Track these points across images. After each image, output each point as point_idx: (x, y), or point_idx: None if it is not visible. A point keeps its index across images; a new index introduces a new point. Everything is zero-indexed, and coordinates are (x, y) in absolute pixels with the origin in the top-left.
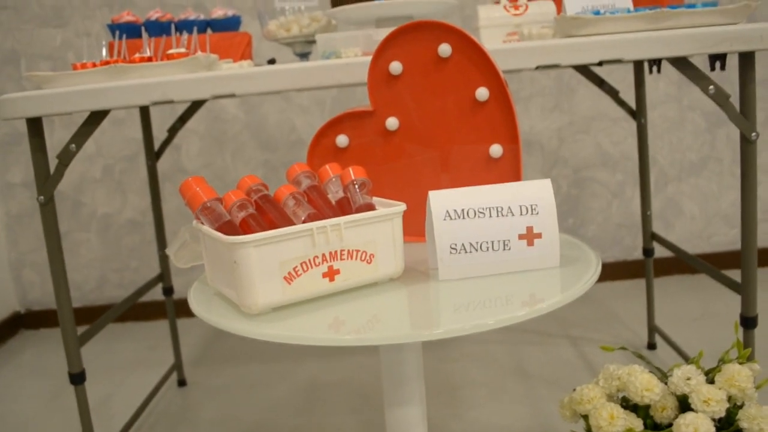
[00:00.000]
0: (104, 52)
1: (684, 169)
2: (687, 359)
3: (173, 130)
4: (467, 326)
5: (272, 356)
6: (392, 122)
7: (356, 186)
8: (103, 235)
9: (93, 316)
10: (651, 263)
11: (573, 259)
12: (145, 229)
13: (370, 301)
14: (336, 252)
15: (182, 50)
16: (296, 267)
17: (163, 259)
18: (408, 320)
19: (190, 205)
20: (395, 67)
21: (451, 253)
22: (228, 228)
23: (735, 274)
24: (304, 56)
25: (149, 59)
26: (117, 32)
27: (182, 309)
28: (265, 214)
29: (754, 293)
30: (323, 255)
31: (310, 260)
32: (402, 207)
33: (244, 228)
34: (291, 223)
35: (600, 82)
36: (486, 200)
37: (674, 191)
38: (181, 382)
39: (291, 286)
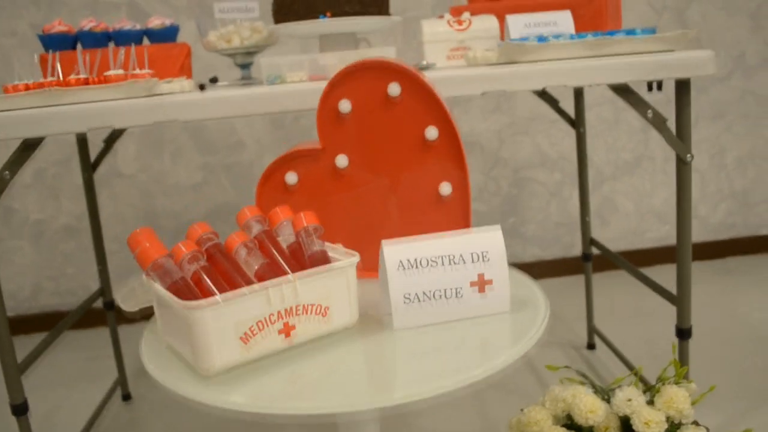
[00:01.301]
0: (35, 59)
1: (619, 167)
2: (625, 362)
3: (110, 140)
4: (425, 390)
5: None
6: (342, 160)
7: (308, 232)
8: (36, 242)
9: (28, 326)
10: (590, 267)
11: (522, 301)
12: (81, 235)
13: (325, 359)
14: (291, 308)
15: (120, 71)
16: (252, 327)
17: (103, 273)
18: (365, 386)
19: (139, 261)
20: (344, 106)
21: (404, 302)
22: (180, 286)
23: (667, 269)
24: (245, 67)
25: (86, 81)
26: (49, 44)
27: (123, 316)
28: (217, 264)
29: (688, 306)
30: (279, 312)
31: (265, 319)
32: (356, 259)
33: (197, 282)
34: (243, 273)
35: (541, 92)
36: (438, 249)
37: (610, 190)
38: (126, 396)
39: (247, 346)
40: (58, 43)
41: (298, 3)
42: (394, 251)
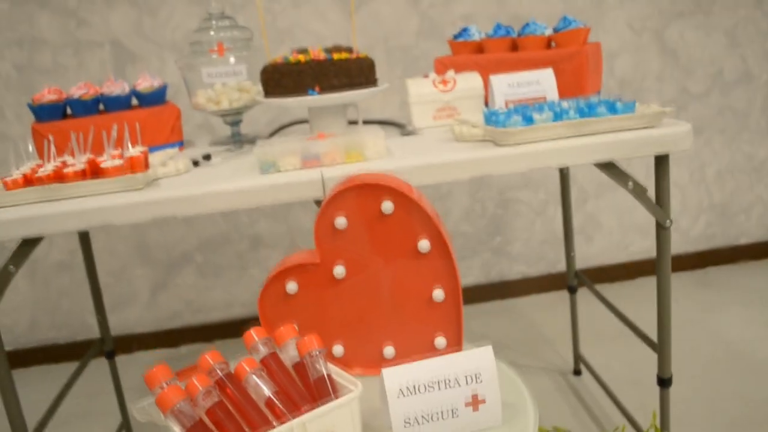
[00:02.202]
0: (30, 147)
1: (601, 185)
2: (609, 392)
3: None
4: None
5: None
6: (339, 270)
7: (313, 357)
8: (31, 279)
9: (26, 359)
10: (575, 298)
11: (512, 408)
12: (75, 269)
13: None
14: None
15: (117, 162)
16: None
17: (102, 323)
18: None
19: (158, 404)
20: (340, 221)
21: (405, 426)
22: (198, 429)
23: (650, 281)
24: (235, 124)
25: (82, 173)
26: (40, 114)
27: (120, 345)
28: (229, 395)
29: (668, 355)
30: None
31: None
32: (359, 390)
33: (212, 417)
34: (254, 405)
35: None
36: (434, 374)
37: (593, 207)
38: None
39: None
40: (48, 113)
41: (287, 78)
42: (393, 378)
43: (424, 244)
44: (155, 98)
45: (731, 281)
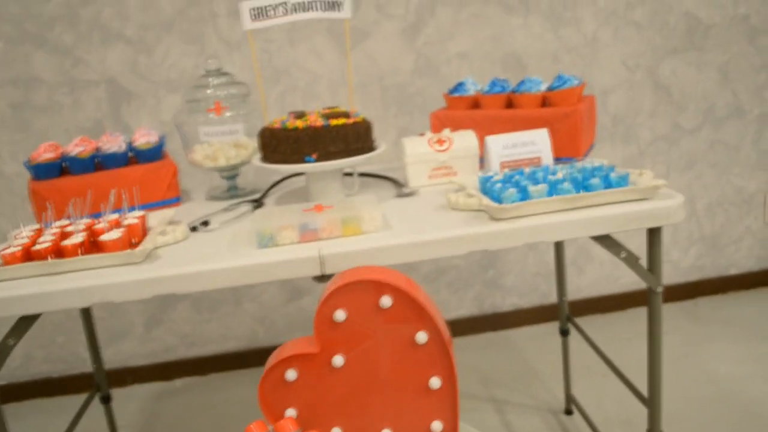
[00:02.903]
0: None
1: None
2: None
3: None
4: None
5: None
6: (338, 360)
7: None
8: None
9: (19, 393)
10: (567, 341)
11: None
12: None
13: None
14: None
15: (115, 235)
16: None
17: (99, 370)
18: None
19: None
20: (339, 315)
21: None
22: None
23: (640, 312)
24: (231, 179)
25: (81, 246)
26: (37, 173)
27: (115, 379)
28: None
29: (659, 411)
30: None
31: None
32: None
33: None
34: None
35: None
36: None
37: (584, 240)
38: None
39: None
40: (46, 171)
41: (284, 144)
42: None
43: (421, 336)
44: (152, 155)
45: (720, 312)
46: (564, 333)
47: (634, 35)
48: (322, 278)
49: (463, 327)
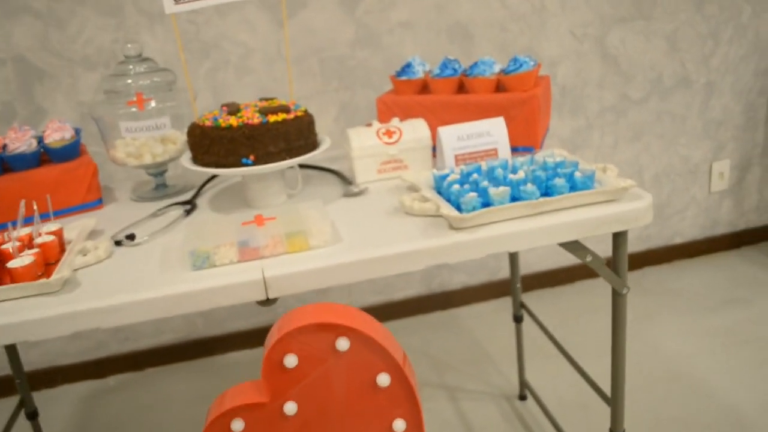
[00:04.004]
0: None
1: None
2: (553, 422)
3: None
4: None
5: None
6: (290, 407)
7: None
8: None
9: None
10: (521, 328)
11: None
12: None
13: None
14: None
15: (27, 260)
16: None
17: (23, 386)
18: None
19: None
20: (290, 360)
21: None
22: None
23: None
24: (159, 176)
25: None
26: None
27: (40, 381)
28: None
29: (621, 411)
30: None
31: None
32: None
33: None
34: None
35: None
36: None
37: None
38: None
39: None
40: None
41: (217, 144)
42: None
43: (383, 379)
44: (68, 153)
45: (667, 283)
46: (518, 319)
47: (582, 4)
48: (267, 302)
49: (411, 307)
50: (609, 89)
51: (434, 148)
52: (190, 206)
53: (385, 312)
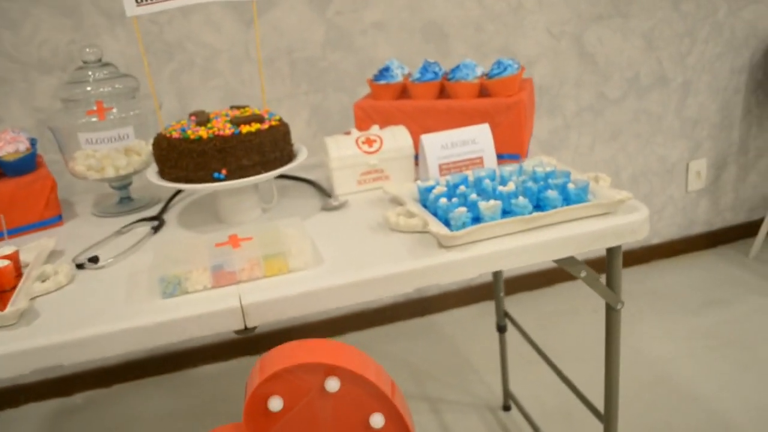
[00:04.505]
0: None
1: None
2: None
3: None
4: None
5: None
6: None
7: None
8: None
9: None
10: (505, 338)
11: None
12: None
13: None
14: None
15: None
16: None
17: None
18: None
19: None
20: (275, 404)
21: None
22: None
23: (566, 288)
24: (123, 188)
25: None
26: None
27: (2, 400)
28: None
29: (615, 428)
30: None
31: None
32: None
33: None
34: None
35: None
36: None
37: None
38: None
39: None
40: None
41: (186, 158)
42: None
43: (376, 420)
44: (23, 166)
45: (645, 284)
46: (501, 329)
47: (559, 1)
48: (245, 331)
49: (388, 314)
50: (586, 88)
51: (416, 156)
52: (158, 222)
53: (362, 319)
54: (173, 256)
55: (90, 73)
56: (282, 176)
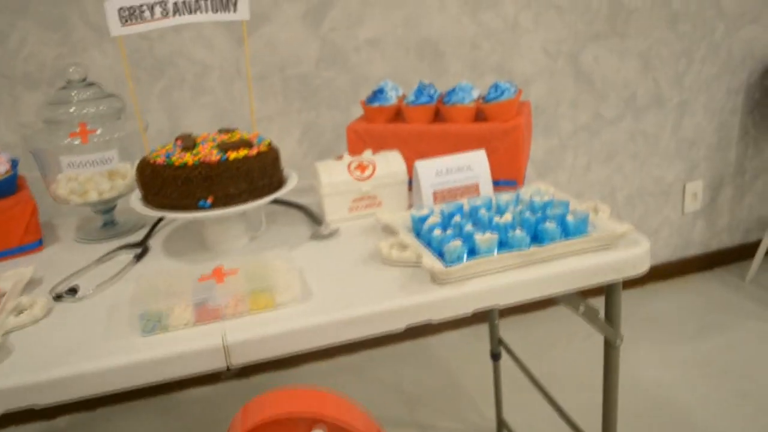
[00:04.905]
0: None
1: None
2: None
3: None
4: None
5: None
6: None
7: None
8: None
9: None
10: (499, 366)
11: None
12: None
13: None
14: None
15: None
16: None
17: None
18: None
19: None
20: None
21: None
22: None
23: (559, 312)
24: (107, 213)
25: None
26: None
27: None
28: None
29: None
30: None
31: None
32: None
33: None
34: None
35: None
36: None
37: None
38: None
39: None
40: None
41: (171, 185)
42: None
43: None
44: (2, 189)
45: (641, 308)
46: (495, 357)
47: (556, 20)
48: (228, 371)
49: (381, 336)
50: (582, 108)
51: (410, 182)
52: (141, 250)
53: (353, 342)
54: (155, 289)
55: (74, 93)
56: (275, 201)
